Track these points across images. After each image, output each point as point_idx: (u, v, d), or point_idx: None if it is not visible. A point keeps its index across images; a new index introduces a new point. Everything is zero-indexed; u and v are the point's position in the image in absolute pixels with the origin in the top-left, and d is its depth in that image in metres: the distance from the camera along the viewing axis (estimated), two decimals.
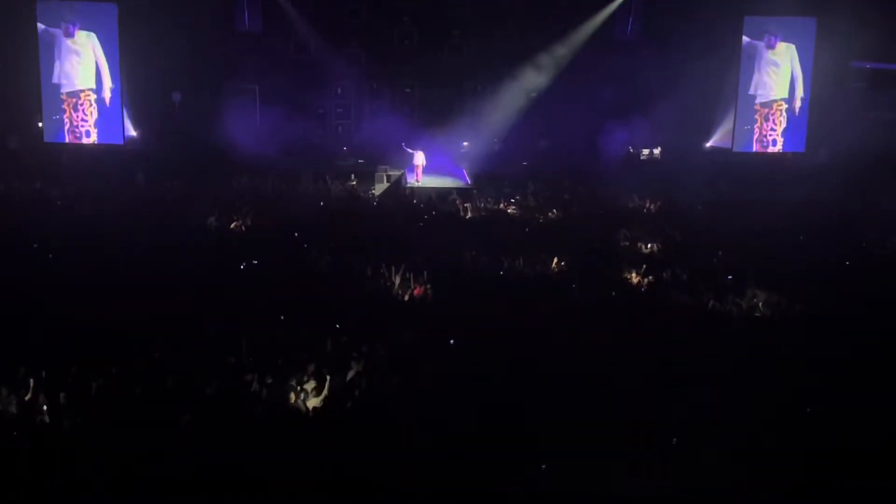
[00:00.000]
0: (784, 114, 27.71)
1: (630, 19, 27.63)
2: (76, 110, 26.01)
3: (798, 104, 27.49)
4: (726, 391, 9.51)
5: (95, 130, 26.22)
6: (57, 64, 25.77)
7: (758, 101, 27.64)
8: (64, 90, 25.96)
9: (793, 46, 27.34)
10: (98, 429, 8.55)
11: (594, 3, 27.84)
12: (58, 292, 12.84)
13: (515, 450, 8.30)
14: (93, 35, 25.82)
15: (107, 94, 26.01)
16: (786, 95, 27.56)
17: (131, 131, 26.79)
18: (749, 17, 27.26)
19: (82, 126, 26.12)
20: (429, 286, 14.12)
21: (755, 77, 27.56)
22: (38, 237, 16.56)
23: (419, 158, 25.43)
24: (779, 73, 27.52)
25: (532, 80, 27.98)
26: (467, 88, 29.07)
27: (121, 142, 26.36)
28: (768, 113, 27.73)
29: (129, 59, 25.89)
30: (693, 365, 10.30)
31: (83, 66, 25.92)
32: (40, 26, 25.43)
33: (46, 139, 26.23)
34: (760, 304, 13.59)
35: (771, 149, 27.88)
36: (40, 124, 26.21)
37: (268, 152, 24.76)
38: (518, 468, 8.09)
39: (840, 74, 27.00)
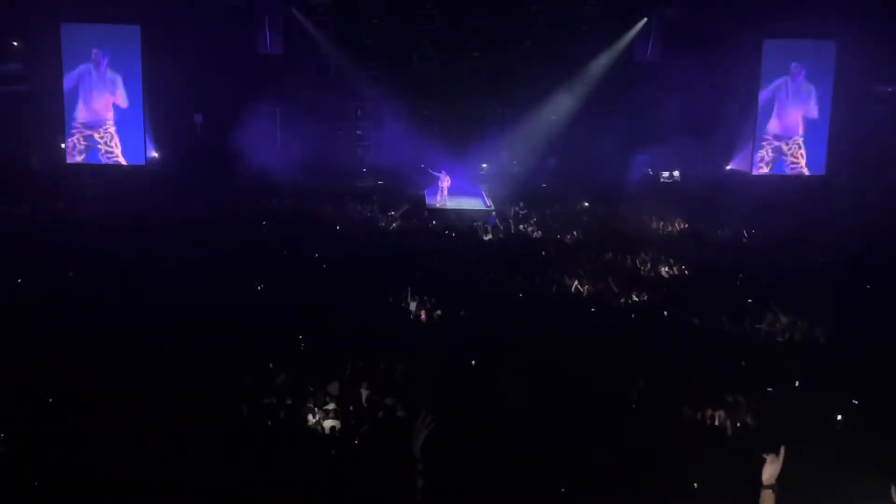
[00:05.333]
0: (802, 138, 27.76)
1: (650, 42, 27.63)
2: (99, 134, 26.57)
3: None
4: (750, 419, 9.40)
5: (118, 150, 26.63)
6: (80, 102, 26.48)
7: (777, 121, 27.67)
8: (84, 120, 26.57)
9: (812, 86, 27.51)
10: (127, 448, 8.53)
11: (615, 27, 27.95)
12: (80, 311, 12.91)
13: (538, 473, 8.22)
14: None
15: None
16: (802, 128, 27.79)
17: (153, 152, 27.10)
18: (769, 41, 27.29)
19: (105, 148, 26.56)
20: (448, 308, 14.11)
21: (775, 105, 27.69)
22: (61, 257, 16.69)
23: (446, 180, 25.58)
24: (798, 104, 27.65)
25: (551, 101, 28.06)
26: (486, 110, 29.20)
27: (143, 162, 26.67)
28: (786, 136, 27.74)
29: (151, 80, 26.25)
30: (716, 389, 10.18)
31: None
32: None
33: (69, 160, 26.57)
34: (782, 327, 13.47)
35: (790, 172, 27.81)
36: (63, 145, 26.52)
37: (288, 174, 24.88)
38: (541, 492, 8.00)
39: (860, 97, 26.90)
